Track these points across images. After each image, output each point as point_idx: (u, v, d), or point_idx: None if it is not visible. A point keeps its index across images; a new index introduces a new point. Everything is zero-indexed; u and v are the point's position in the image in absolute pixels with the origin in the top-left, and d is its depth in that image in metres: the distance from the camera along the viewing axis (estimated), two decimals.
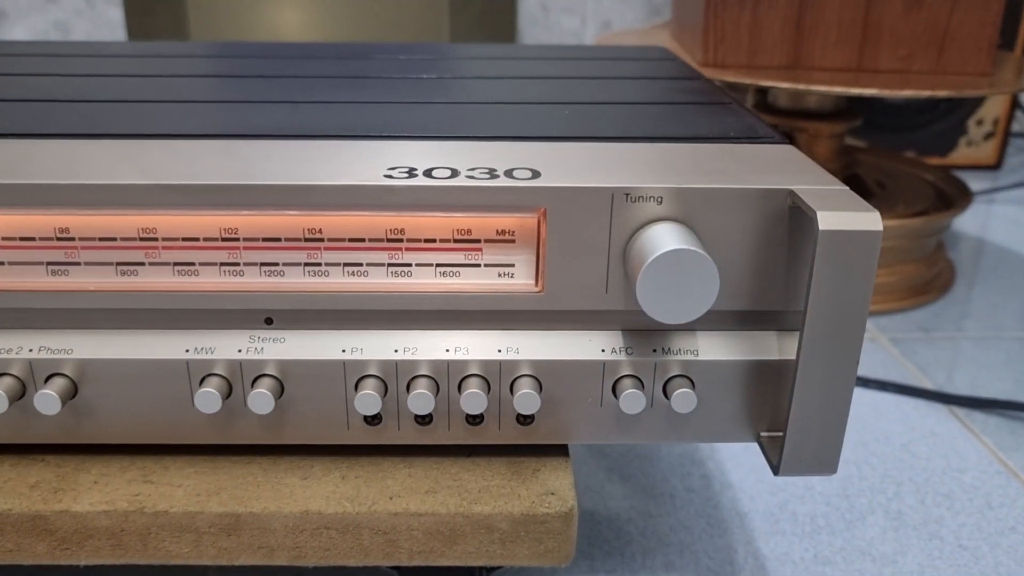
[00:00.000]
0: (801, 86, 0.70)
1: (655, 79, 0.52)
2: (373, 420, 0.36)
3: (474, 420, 0.36)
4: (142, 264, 0.34)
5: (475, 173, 0.34)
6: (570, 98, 0.47)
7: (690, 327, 0.36)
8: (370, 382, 0.35)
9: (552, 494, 0.35)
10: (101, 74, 0.53)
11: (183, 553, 0.34)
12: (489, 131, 0.40)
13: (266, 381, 0.34)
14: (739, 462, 0.61)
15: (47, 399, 0.34)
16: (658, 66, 0.57)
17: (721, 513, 0.55)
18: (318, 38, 1.24)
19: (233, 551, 0.34)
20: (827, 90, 0.68)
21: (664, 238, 0.32)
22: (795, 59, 0.74)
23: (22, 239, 0.34)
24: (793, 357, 0.35)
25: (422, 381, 0.35)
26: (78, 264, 0.34)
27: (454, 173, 0.34)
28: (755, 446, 0.63)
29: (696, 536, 0.54)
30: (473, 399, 0.34)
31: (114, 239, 0.34)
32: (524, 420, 0.36)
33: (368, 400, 0.34)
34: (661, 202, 0.33)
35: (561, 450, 0.38)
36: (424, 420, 0.36)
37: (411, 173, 0.34)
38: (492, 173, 0.34)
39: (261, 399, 0.34)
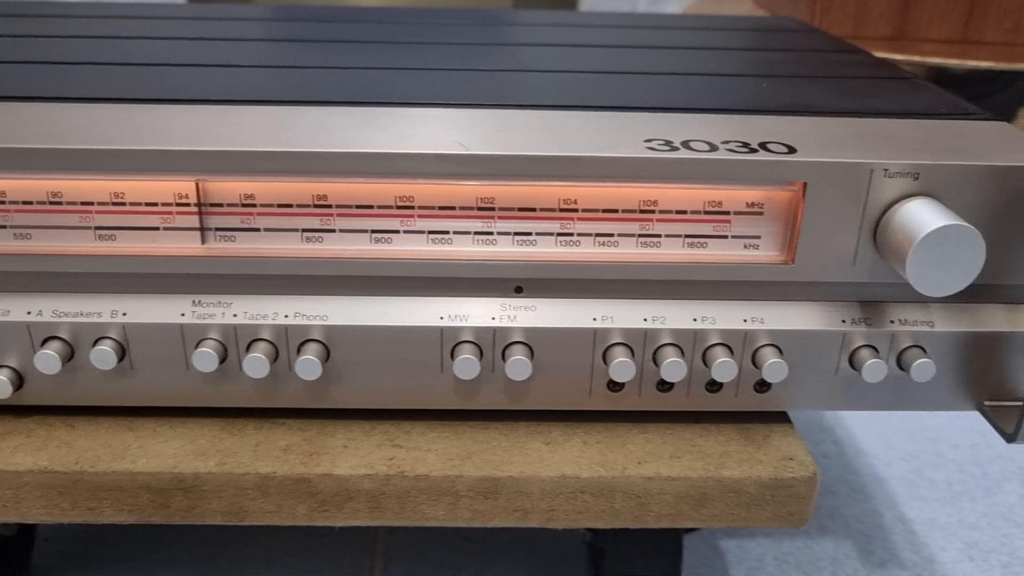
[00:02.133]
0: (907, 56, 0.71)
1: (819, 52, 0.53)
2: (616, 387, 0.37)
3: (713, 387, 0.37)
4: (397, 232, 0.35)
5: (732, 146, 0.34)
6: (737, 69, 0.48)
7: (923, 299, 0.37)
8: (619, 349, 0.35)
9: (792, 459, 0.36)
10: (239, 38, 0.52)
11: (438, 516, 0.35)
12: (702, 103, 0.40)
13: (519, 348, 0.35)
14: (866, 429, 0.63)
15: (308, 364, 0.34)
16: (808, 38, 0.57)
17: (860, 479, 0.57)
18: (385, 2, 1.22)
19: (488, 514, 0.35)
20: (939, 62, 0.69)
21: (931, 214, 0.32)
22: (900, 30, 0.74)
23: (280, 206, 0.35)
24: (1022, 329, 0.36)
25: (670, 349, 0.35)
26: (333, 232, 0.35)
27: (712, 147, 0.34)
28: (884, 414, 0.64)
29: (842, 501, 0.55)
30: (723, 367, 0.35)
31: (371, 207, 0.35)
32: (761, 388, 0.37)
33: (622, 367, 0.35)
34: (917, 178, 0.34)
35: (783, 416, 0.39)
36: (665, 387, 0.37)
37: (671, 145, 0.34)
38: (748, 147, 0.34)
39: (519, 365, 0.35)
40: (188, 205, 0.35)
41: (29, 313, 0.35)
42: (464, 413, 0.38)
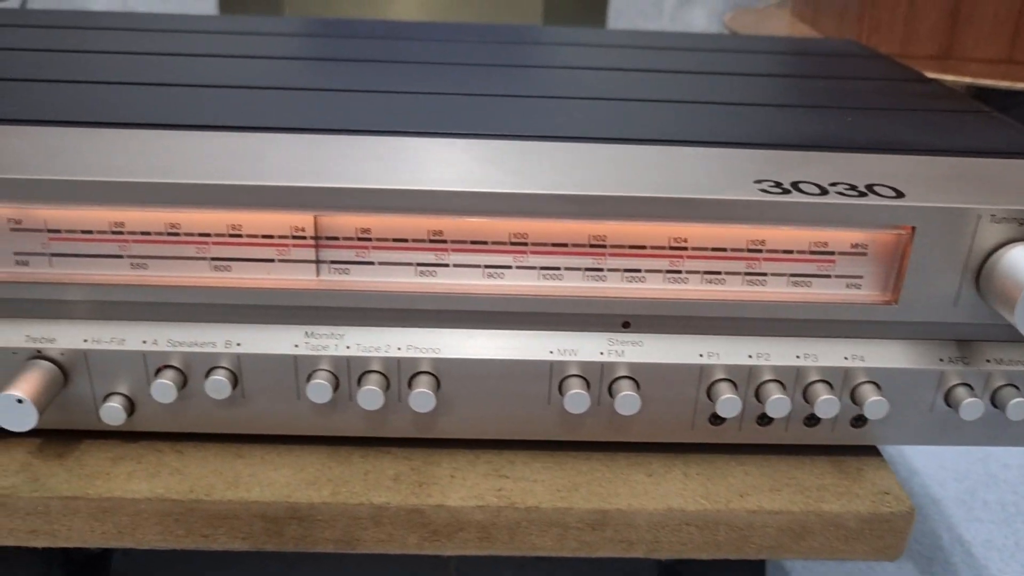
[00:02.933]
0: (954, 77, 0.72)
1: (892, 81, 0.54)
2: (718, 420, 0.37)
3: (811, 422, 0.38)
4: (509, 268, 0.35)
5: (840, 189, 0.35)
6: (815, 100, 0.48)
7: (1018, 338, 0.37)
8: (724, 385, 0.36)
9: (888, 493, 0.37)
10: (255, 55, 0.53)
11: (546, 546, 0.36)
12: (795, 139, 0.41)
13: (626, 383, 0.36)
14: (917, 449, 0.64)
15: (422, 397, 0.35)
16: (876, 65, 0.58)
17: (917, 499, 0.58)
18: (421, 16, 1.22)
19: (594, 544, 0.36)
20: (989, 83, 0.69)
21: None
22: (947, 49, 0.75)
23: (395, 240, 0.35)
24: None
25: (772, 386, 0.36)
26: (447, 266, 0.35)
27: (822, 190, 0.35)
28: None
29: None
30: (825, 404, 0.36)
31: (485, 243, 0.35)
32: (857, 423, 0.38)
33: (729, 403, 0.36)
34: (1023, 223, 0.34)
35: (872, 449, 0.39)
36: (765, 421, 0.37)
37: (781, 188, 0.35)
38: (856, 190, 0.35)
39: (627, 400, 0.35)
40: (304, 238, 0.35)
41: (144, 342, 0.36)
42: (565, 443, 0.38)
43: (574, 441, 0.38)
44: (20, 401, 0.34)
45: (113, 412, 0.36)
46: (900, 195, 0.35)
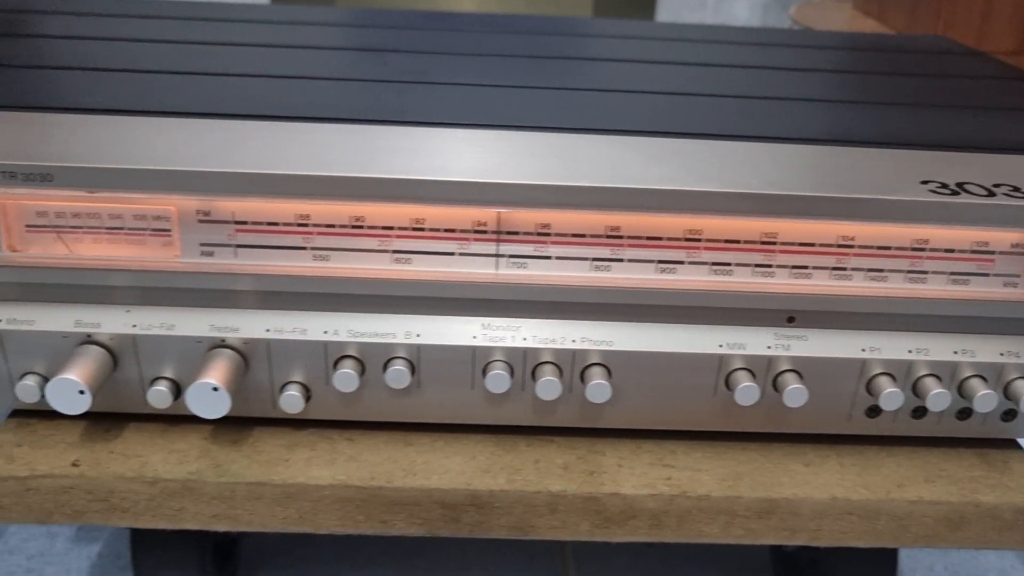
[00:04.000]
0: None
1: (1002, 79, 0.55)
2: (874, 413, 0.38)
3: (963, 415, 0.39)
4: (682, 263, 0.36)
5: (1005, 191, 0.36)
6: (929, 100, 0.49)
7: None
8: (884, 379, 0.37)
9: None
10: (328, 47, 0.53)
11: (713, 533, 0.37)
12: (938, 139, 0.42)
13: (790, 376, 0.37)
14: None
15: (599, 388, 0.36)
16: (977, 62, 0.59)
17: None
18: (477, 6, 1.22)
19: (759, 532, 0.37)
20: None
21: None
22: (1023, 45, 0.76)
23: (573, 235, 0.36)
24: None
25: (930, 380, 0.37)
26: (621, 261, 0.36)
27: (988, 192, 0.36)
28: None
29: None
30: (984, 399, 0.37)
31: (659, 238, 0.36)
32: (1007, 417, 0.39)
33: (891, 397, 0.37)
34: None
35: (1012, 443, 0.41)
36: (919, 414, 0.39)
37: (949, 189, 0.36)
38: (1019, 191, 0.36)
39: (796, 394, 0.36)
40: (486, 232, 0.36)
41: (325, 332, 0.36)
42: (719, 434, 0.39)
43: (727, 432, 0.39)
44: (216, 389, 0.34)
45: (293, 400, 0.37)
46: None
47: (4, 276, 0.36)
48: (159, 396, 0.36)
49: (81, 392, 0.34)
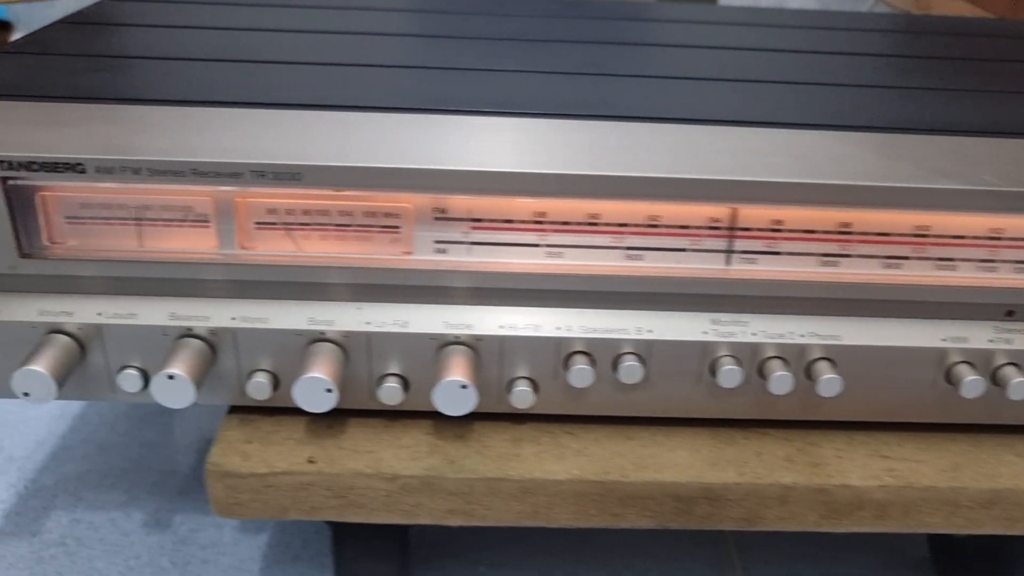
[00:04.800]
0: None
1: None
2: None
3: None
4: (907, 259, 0.37)
5: None
6: None
7: None
8: None
9: None
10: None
11: (935, 523, 0.38)
12: None
13: (1011, 369, 0.37)
14: None
15: (830, 383, 0.36)
16: None
17: None
18: None
19: (979, 521, 0.38)
20: None
21: None
22: None
23: (804, 231, 0.36)
24: None
25: None
26: (849, 256, 0.37)
27: None
28: None
29: None
30: None
31: (887, 234, 0.36)
32: None
33: None
34: None
35: None
36: None
37: None
38: None
39: (1021, 387, 0.37)
40: (719, 228, 0.36)
41: (558, 328, 0.37)
42: (927, 425, 0.40)
43: (935, 424, 0.40)
44: (465, 387, 0.35)
45: (523, 396, 0.37)
46: None
47: (235, 274, 0.36)
48: (391, 392, 0.37)
49: (328, 391, 0.35)
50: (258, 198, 0.35)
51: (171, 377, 0.34)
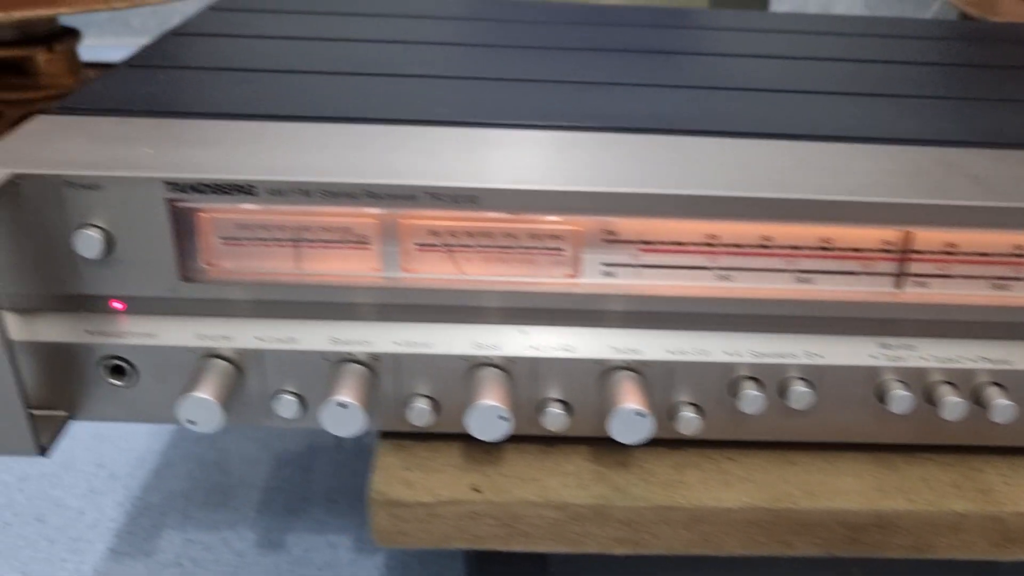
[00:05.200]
0: None
1: None
2: None
3: None
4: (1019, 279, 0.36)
5: None
6: None
7: None
8: None
9: None
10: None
11: None
12: None
13: None
14: None
15: (1006, 409, 0.36)
16: None
17: None
18: None
19: None
20: None
21: None
22: None
23: (979, 254, 0.36)
24: None
25: None
26: (1021, 280, 0.36)
27: None
28: None
29: None
30: None
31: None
32: None
33: None
34: None
35: None
36: None
37: None
38: None
39: None
40: (891, 252, 0.35)
41: (727, 353, 0.36)
42: None
43: None
44: (641, 415, 0.34)
45: (690, 422, 0.36)
46: None
47: (396, 297, 0.35)
48: (555, 419, 0.36)
49: (503, 418, 0.34)
50: (424, 219, 0.35)
51: (343, 405, 0.34)
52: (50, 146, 0.35)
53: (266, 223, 0.35)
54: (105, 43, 1.31)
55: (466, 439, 0.38)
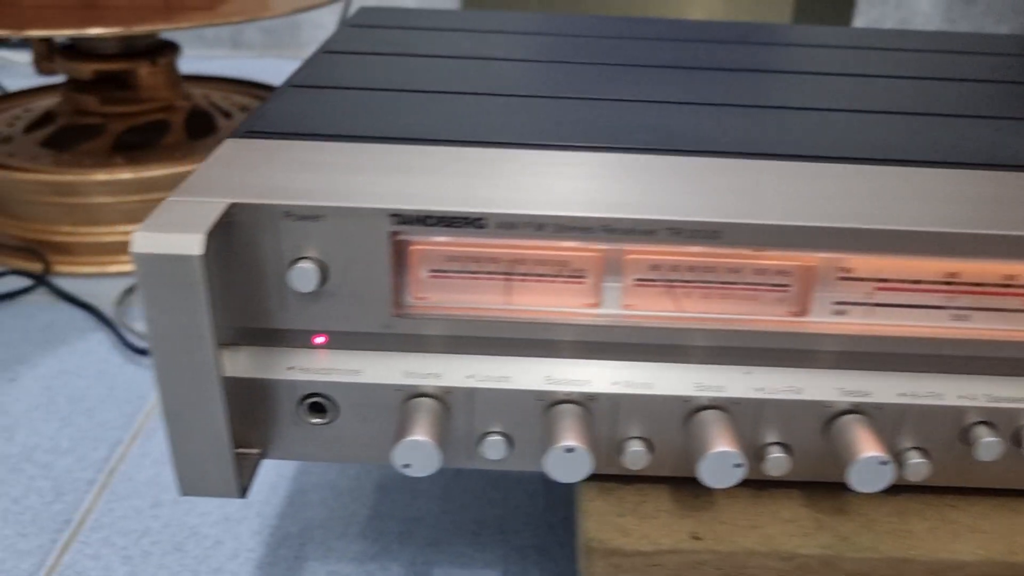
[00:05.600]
0: None
1: None
2: None
3: None
4: None
5: None
6: None
7: None
8: None
9: None
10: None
11: None
12: None
13: None
14: None
15: None
16: None
17: None
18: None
19: None
20: None
21: None
22: None
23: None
24: None
25: None
26: None
27: None
28: None
29: None
30: None
31: None
32: None
33: None
34: None
35: None
36: None
37: None
38: None
39: None
40: None
41: (961, 397, 0.34)
42: None
43: None
44: (884, 463, 0.32)
45: (919, 468, 0.34)
46: None
47: (612, 335, 0.34)
48: (777, 463, 0.34)
49: (738, 465, 0.32)
50: (652, 255, 0.33)
51: (570, 451, 0.32)
52: (256, 174, 0.33)
53: (478, 256, 0.33)
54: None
55: (672, 482, 0.36)
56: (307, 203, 0.31)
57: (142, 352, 0.69)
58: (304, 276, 0.31)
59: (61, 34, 0.70)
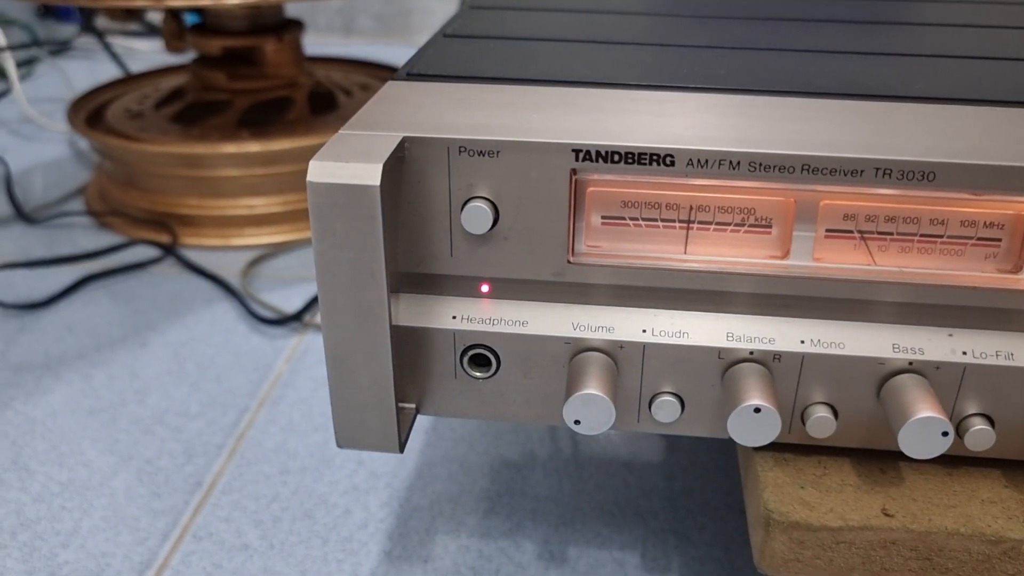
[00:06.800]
0: None
1: None
2: None
3: None
4: None
5: None
6: None
7: None
8: None
9: None
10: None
11: None
12: None
13: None
14: None
15: None
16: None
17: None
18: None
19: None
20: None
21: None
22: None
23: None
24: None
25: None
26: None
27: None
28: None
29: None
30: None
31: None
32: None
33: None
34: None
35: None
36: None
37: None
38: None
39: None
40: None
41: None
42: None
43: None
44: None
45: None
46: None
47: (802, 288, 0.31)
48: (982, 437, 0.31)
49: (944, 434, 0.29)
50: (848, 200, 0.30)
51: (757, 410, 0.29)
52: (425, 111, 0.32)
53: (659, 200, 0.31)
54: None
55: (853, 453, 0.33)
56: (485, 137, 0.29)
57: (268, 322, 0.69)
58: (477, 216, 0.30)
59: (195, 5, 0.70)
